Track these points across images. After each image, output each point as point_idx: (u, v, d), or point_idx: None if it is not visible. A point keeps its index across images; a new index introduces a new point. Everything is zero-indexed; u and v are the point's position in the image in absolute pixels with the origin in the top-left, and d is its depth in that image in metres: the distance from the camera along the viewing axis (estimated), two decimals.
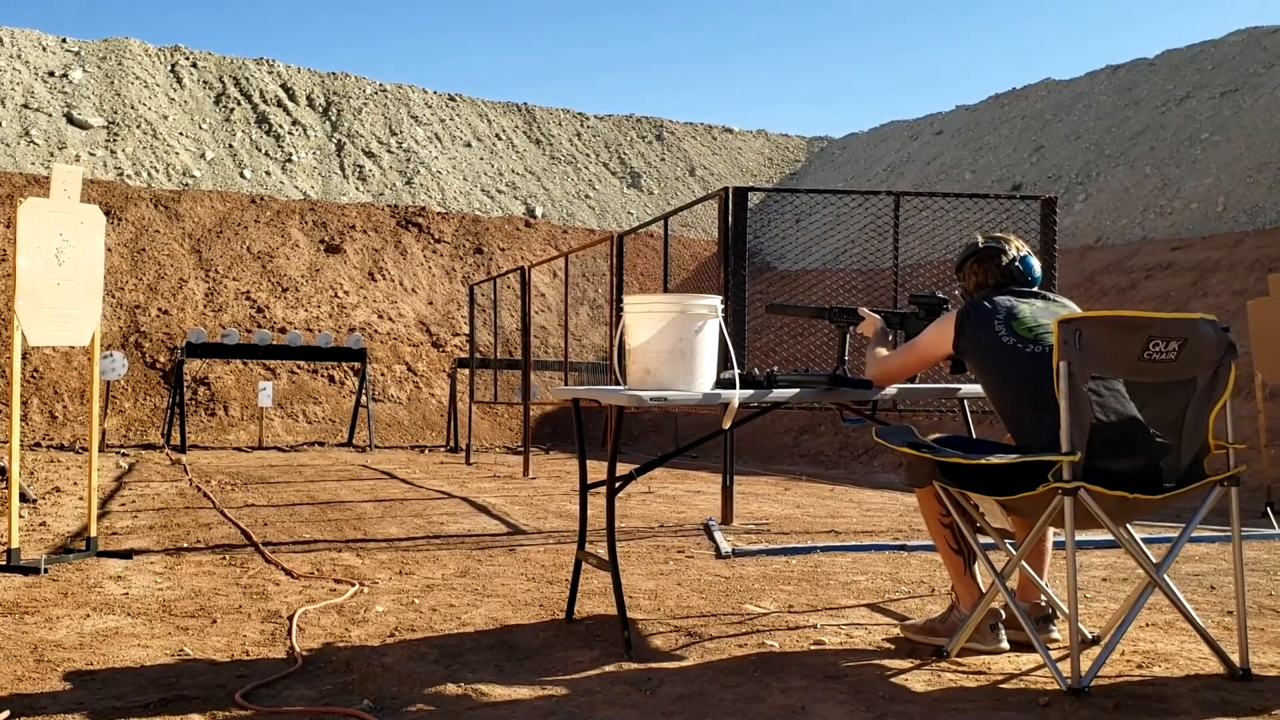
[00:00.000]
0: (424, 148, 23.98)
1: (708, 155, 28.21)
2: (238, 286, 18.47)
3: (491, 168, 24.50)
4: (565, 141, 26.55)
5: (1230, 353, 3.05)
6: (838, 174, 25.68)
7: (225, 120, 22.23)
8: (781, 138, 29.85)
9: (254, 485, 9.42)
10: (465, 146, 24.75)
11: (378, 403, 17.39)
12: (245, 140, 21.95)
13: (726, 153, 28.68)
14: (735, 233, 6.71)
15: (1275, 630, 3.70)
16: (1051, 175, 18.60)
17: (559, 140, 26.44)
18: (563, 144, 26.42)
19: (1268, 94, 16.35)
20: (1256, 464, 8.66)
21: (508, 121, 26.20)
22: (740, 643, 3.48)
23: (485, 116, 26.01)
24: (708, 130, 29.24)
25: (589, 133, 27.19)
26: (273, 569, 4.90)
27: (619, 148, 27.15)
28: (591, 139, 27.03)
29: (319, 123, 23.41)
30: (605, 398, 3.68)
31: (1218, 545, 5.71)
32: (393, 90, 25.07)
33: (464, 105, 26.00)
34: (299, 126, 22.93)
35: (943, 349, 3.48)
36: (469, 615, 3.90)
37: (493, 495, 8.70)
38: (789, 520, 7.20)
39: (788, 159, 29.00)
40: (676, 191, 26.32)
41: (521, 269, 11.82)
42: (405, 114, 24.59)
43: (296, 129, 22.83)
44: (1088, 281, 14.55)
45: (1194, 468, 3.11)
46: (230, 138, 21.84)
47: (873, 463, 13.00)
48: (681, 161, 27.59)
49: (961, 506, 3.28)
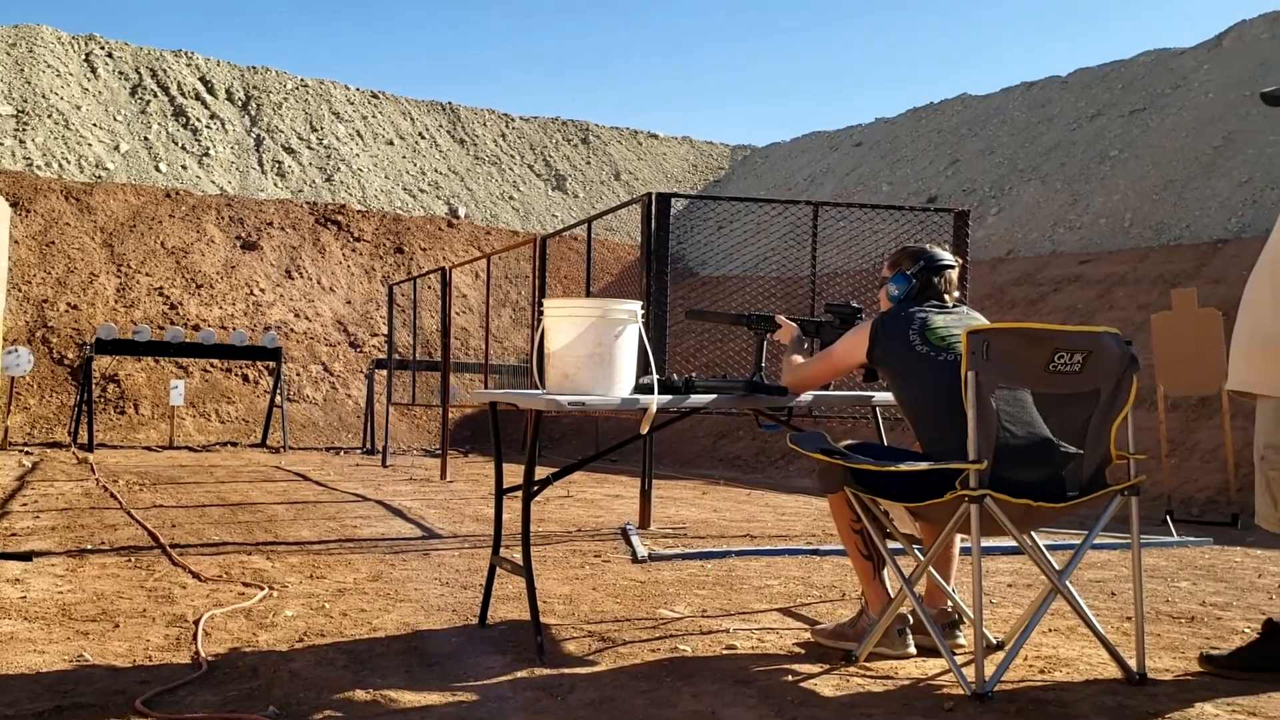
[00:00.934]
0: (345, 145, 23.66)
1: (633, 160, 28.28)
2: (150, 282, 18.04)
3: (414, 166, 24.27)
4: (490, 142, 26.40)
5: (1132, 365, 3.14)
6: (760, 182, 25.92)
7: (141, 112, 21.70)
8: (706, 145, 30.04)
9: (163, 486, 9.20)
10: (387, 144, 24.48)
11: (293, 403, 17.11)
12: (161, 133, 21.45)
13: (652, 158, 28.77)
14: (658, 238, 6.74)
15: (1172, 636, 3.82)
16: (966, 188, 19.00)
17: (483, 141, 26.29)
18: (487, 144, 26.27)
19: (1174, 114, 16.89)
20: (1158, 474, 8.93)
21: (431, 120, 25.98)
22: (653, 647, 3.50)
23: (408, 115, 25.75)
24: (633, 135, 29.30)
25: (514, 134, 27.08)
26: (180, 572, 4.79)
27: (544, 150, 27.08)
28: (516, 140, 26.92)
29: (237, 117, 22.97)
30: (523, 402, 3.67)
31: (1119, 552, 5.88)
32: (314, 86, 24.70)
33: (387, 103, 25.72)
34: (217, 120, 22.47)
35: (857, 357, 3.54)
36: (380, 620, 3.86)
37: (408, 498, 8.62)
38: (706, 524, 7.25)
39: (711, 166, 29.20)
40: (602, 195, 26.33)
41: (443, 269, 11.73)
42: (326, 110, 24.24)
43: (214, 123, 22.38)
44: (999, 293, 14.89)
45: (1096, 477, 3.20)
46: (146, 130, 21.33)
47: (789, 468, 13.14)
48: (607, 166, 27.62)
49: (872, 513, 3.33)
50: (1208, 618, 4.19)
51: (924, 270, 3.51)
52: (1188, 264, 13.09)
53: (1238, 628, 3.98)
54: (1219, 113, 15.91)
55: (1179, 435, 10.03)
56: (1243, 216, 13.43)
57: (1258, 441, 3.31)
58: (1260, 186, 13.66)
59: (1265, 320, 3.27)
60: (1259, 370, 3.29)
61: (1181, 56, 18.42)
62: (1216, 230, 13.60)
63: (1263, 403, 3.30)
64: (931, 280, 3.51)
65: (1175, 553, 6.25)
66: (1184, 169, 15.24)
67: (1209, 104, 16.39)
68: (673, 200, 6.95)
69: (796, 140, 27.26)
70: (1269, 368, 3.24)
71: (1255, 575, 5.37)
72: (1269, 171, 13.80)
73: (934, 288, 3.51)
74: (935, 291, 3.51)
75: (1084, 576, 5.05)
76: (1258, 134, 14.56)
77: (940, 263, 3.54)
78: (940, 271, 3.53)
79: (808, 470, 12.33)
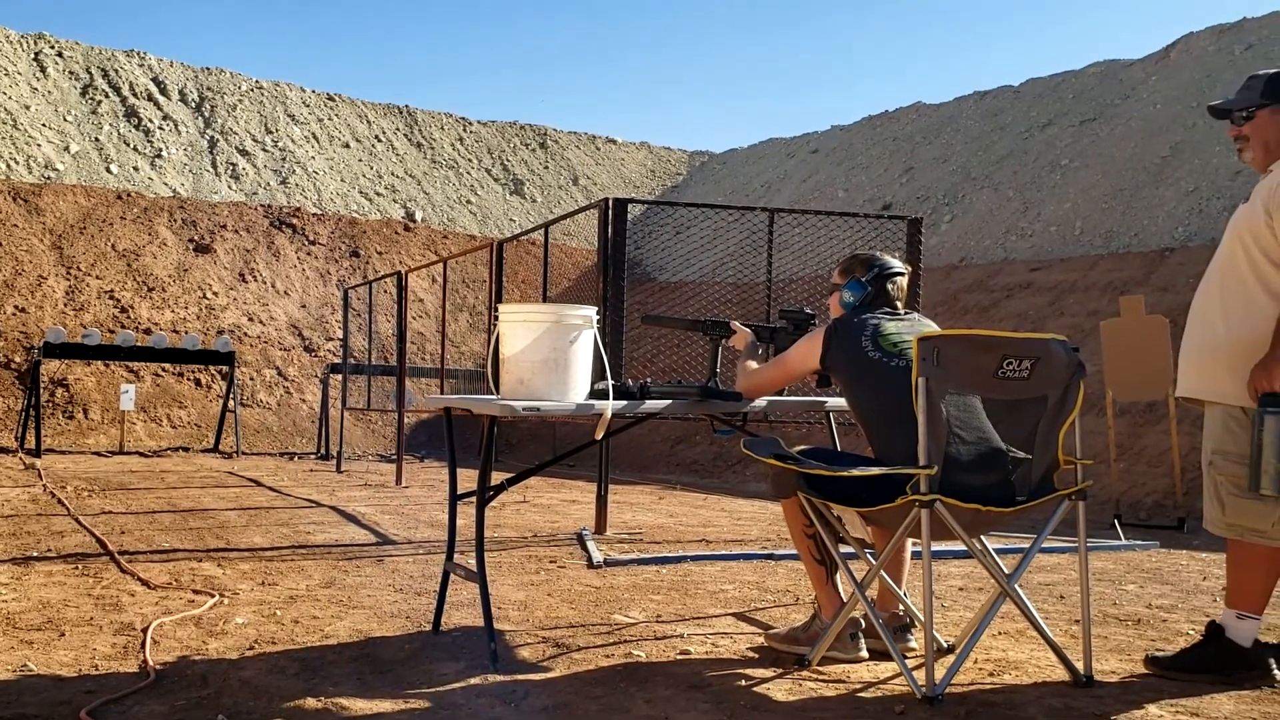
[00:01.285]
0: (300, 147, 23.45)
1: (591, 165, 28.27)
2: (101, 285, 17.77)
3: (370, 169, 24.11)
4: (447, 146, 26.28)
5: (1079, 372, 3.19)
6: (718, 188, 26.02)
7: (92, 113, 21.37)
8: (664, 150, 30.10)
9: (113, 491, 9.06)
10: (343, 147, 24.30)
11: (246, 408, 16.93)
12: (113, 134, 21.14)
13: (610, 163, 28.78)
14: (615, 243, 6.75)
15: (1119, 638, 3.88)
16: (920, 196, 19.19)
17: (441, 144, 26.17)
18: (445, 148, 26.15)
19: (1123, 124, 17.17)
20: (1106, 478, 9.07)
21: (388, 123, 25.82)
22: (607, 653, 3.50)
23: (365, 117, 25.58)
24: (591, 140, 29.29)
25: (472, 138, 26.98)
26: (128, 579, 4.73)
27: (502, 154, 27.00)
28: (474, 144, 26.82)
29: (191, 118, 22.69)
30: (477, 407, 3.66)
31: (1068, 556, 5.96)
32: (269, 88, 24.47)
33: (343, 105, 25.53)
34: (170, 122, 22.18)
35: (810, 363, 3.57)
36: (333, 627, 3.83)
37: (363, 504, 8.55)
38: (662, 529, 7.26)
39: (670, 171, 29.26)
40: (560, 200, 26.30)
41: (398, 273, 11.67)
42: (282, 112, 24.02)
43: (167, 124, 22.09)
44: (951, 299, 15.05)
45: (1044, 482, 3.25)
46: (97, 131, 21.01)
47: (745, 472, 13.18)
48: (565, 170, 27.59)
49: (824, 517, 3.36)
50: (1154, 620, 4.26)
51: (878, 278, 3.56)
52: (1136, 272, 13.30)
53: (1183, 630, 4.05)
54: (1166, 123, 16.20)
55: (1127, 440, 10.19)
56: (1189, 225, 13.67)
57: (1206, 447, 3.38)
58: (1206, 196, 13.92)
59: (1213, 328, 3.34)
60: (1207, 378, 3.35)
61: (1130, 68, 18.73)
62: (1164, 239, 13.84)
63: (1210, 409, 3.36)
64: (885, 287, 3.56)
65: (1123, 556, 6.35)
66: (1133, 178, 15.50)
67: (1157, 114, 16.68)
68: (630, 205, 6.97)
69: (754, 147, 27.39)
70: (1217, 375, 3.31)
71: (1200, 578, 5.46)
72: (1214, 181, 14.06)
73: (887, 295, 3.56)
74: (888, 298, 3.55)
75: (1034, 580, 5.11)
76: (1204, 145, 14.84)
77: (892, 270, 3.58)
78: (893, 279, 3.58)
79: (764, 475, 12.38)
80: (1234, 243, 3.34)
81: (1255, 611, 3.25)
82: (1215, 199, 13.64)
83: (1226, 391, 3.28)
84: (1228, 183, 13.69)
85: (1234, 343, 3.27)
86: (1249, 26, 17.17)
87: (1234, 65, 15.96)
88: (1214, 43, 17.46)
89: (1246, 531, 3.23)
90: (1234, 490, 3.24)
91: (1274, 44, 16.14)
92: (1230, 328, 3.29)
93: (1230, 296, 3.31)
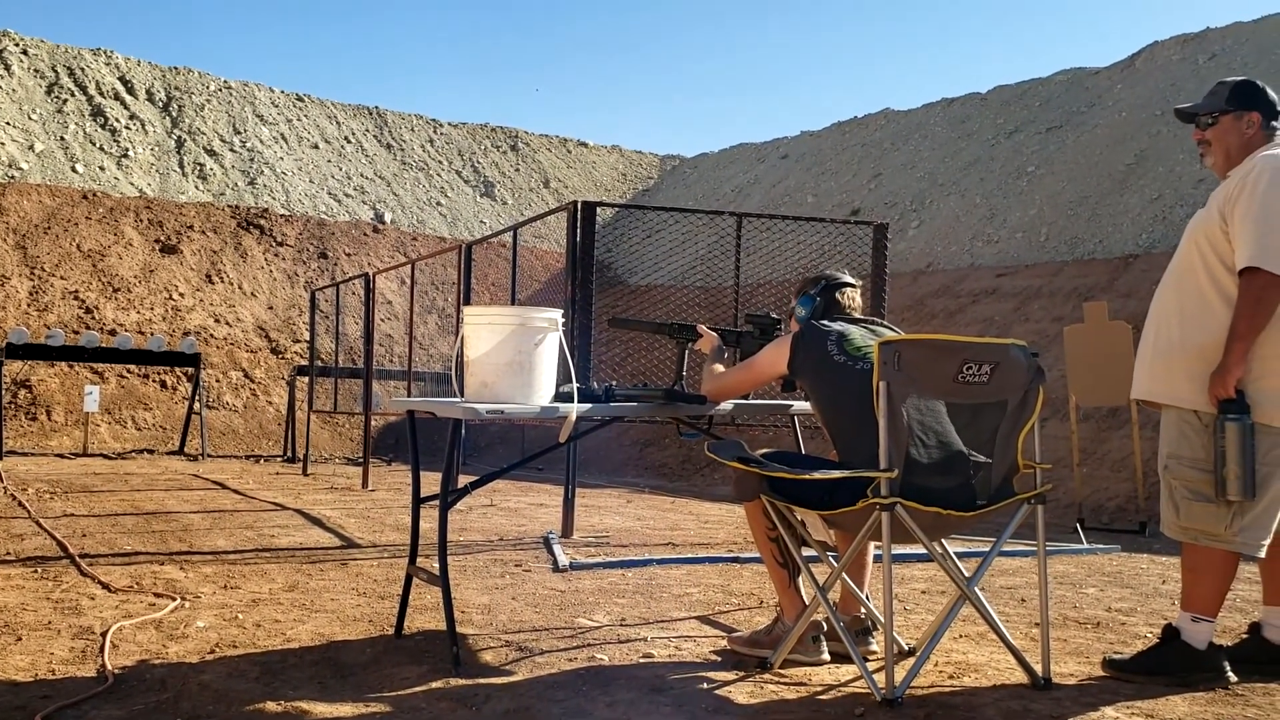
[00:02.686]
0: (269, 148, 23.30)
1: (562, 168, 28.25)
2: (65, 285, 17.58)
3: (339, 171, 23.98)
4: (417, 147, 26.19)
5: (1039, 377, 3.23)
6: (688, 192, 26.07)
7: (57, 111, 21.13)
8: (635, 154, 30.13)
9: (75, 494, 8.97)
10: (312, 148, 24.16)
11: (212, 410, 16.79)
12: (78, 133, 20.91)
13: (581, 166, 28.77)
14: (584, 246, 6.75)
15: (1077, 641, 3.92)
16: (888, 201, 19.31)
17: (411, 146, 26.07)
18: (415, 150, 26.06)
19: (1089, 131, 17.34)
20: (1069, 482, 9.15)
21: (358, 125, 25.70)
22: (570, 657, 3.50)
23: (334, 118, 25.44)
24: (563, 143, 29.27)
25: (442, 140, 26.89)
26: (89, 582, 4.68)
27: (473, 156, 26.93)
28: (445, 146, 26.74)
29: (158, 118, 22.49)
30: (441, 410, 3.65)
31: (1030, 559, 6.01)
32: (238, 88, 24.29)
33: (312, 106, 25.38)
34: (137, 121, 21.97)
35: (778, 368, 3.59)
36: (295, 631, 3.81)
37: (328, 507, 8.51)
38: (628, 533, 7.26)
39: (641, 175, 29.29)
40: (531, 203, 26.26)
41: (366, 275, 11.61)
42: (250, 112, 23.86)
43: (134, 124, 21.88)
44: (918, 305, 15.15)
45: (1004, 486, 3.28)
46: (62, 130, 20.78)
47: (713, 475, 13.21)
48: (536, 173, 27.56)
49: (787, 520, 3.38)
50: (1113, 623, 4.30)
51: (825, 289, 3.63)
52: (1100, 278, 13.44)
53: (1141, 633, 4.10)
54: (1132, 131, 16.38)
55: (1090, 445, 10.29)
56: (1153, 232, 13.83)
57: (1161, 451, 3.42)
58: (1170, 203, 14.08)
59: (1169, 332, 3.39)
60: (1162, 380, 3.40)
61: (1096, 76, 18.93)
62: (1128, 245, 13.99)
63: (1166, 413, 3.41)
64: (834, 297, 3.62)
65: (1084, 559, 6.41)
66: (1098, 185, 15.66)
67: (1122, 122, 16.87)
68: (600, 209, 6.97)
69: (724, 151, 27.47)
70: (1172, 378, 3.36)
71: (1160, 581, 5.52)
72: (1178, 189, 14.23)
73: (838, 304, 3.61)
74: (840, 307, 3.60)
75: (996, 583, 5.16)
76: (1168, 152, 15.02)
77: (840, 281, 3.65)
78: (841, 289, 3.63)
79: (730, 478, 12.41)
80: (1190, 248, 3.40)
81: (1210, 614, 3.29)
82: (1179, 206, 13.80)
83: (1181, 395, 3.32)
84: (1191, 190, 13.87)
85: (1189, 347, 3.32)
86: (1212, 36, 17.40)
87: (1198, 74, 16.16)
88: (1179, 52, 17.68)
89: (1201, 535, 3.28)
90: (1189, 494, 3.29)
91: (1236, 54, 16.36)
92: (1186, 332, 3.34)
93: (1186, 301, 3.36)
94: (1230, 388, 3.17)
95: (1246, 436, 3.14)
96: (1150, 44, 18.57)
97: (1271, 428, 3.20)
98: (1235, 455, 3.14)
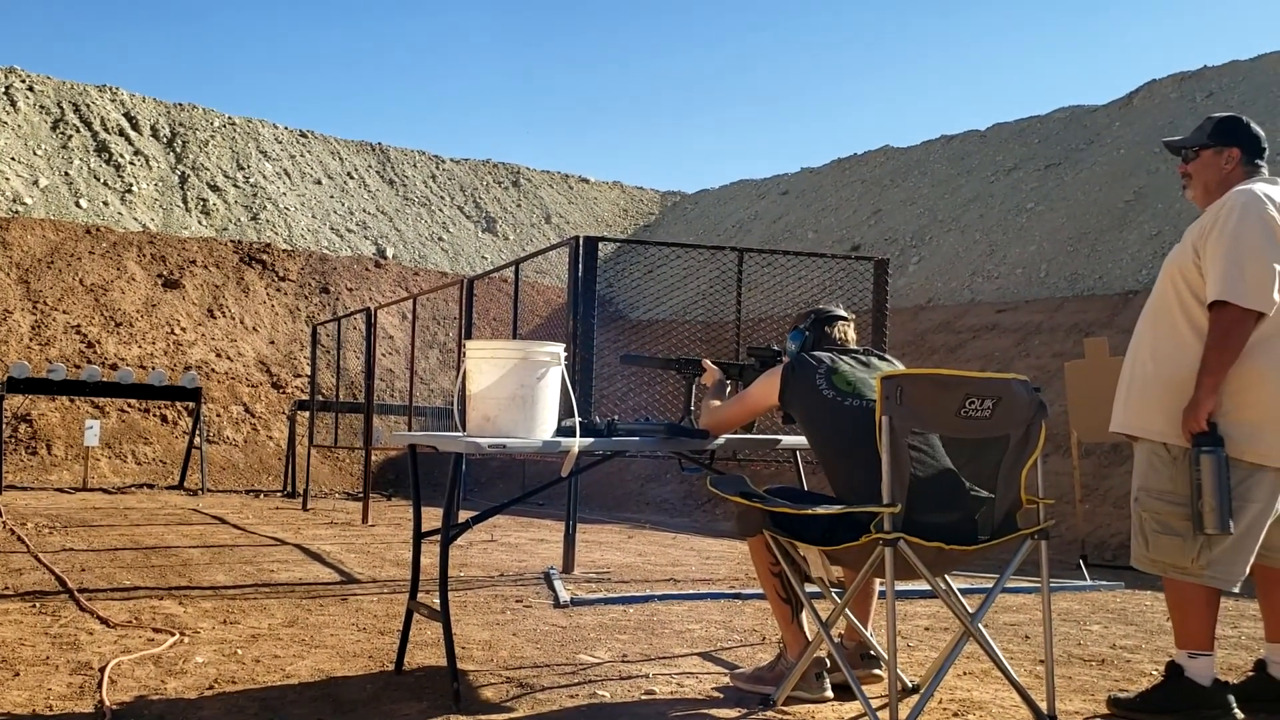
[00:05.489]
0: (272, 183, 23.41)
1: (564, 204, 28.37)
2: (68, 320, 17.61)
3: (342, 206, 24.08)
4: (419, 183, 26.31)
5: (1041, 412, 3.23)
6: (689, 228, 26.16)
7: (62, 147, 21.26)
8: (636, 190, 30.26)
9: (74, 528, 8.94)
10: (315, 184, 24.28)
11: (212, 444, 16.76)
12: (83, 169, 21.02)
13: (583, 202, 28.90)
14: (585, 281, 6.77)
15: (1083, 678, 3.90)
16: (888, 237, 19.37)
17: (413, 182, 26.19)
18: (417, 185, 26.18)
19: (1087, 169, 17.43)
20: (1072, 519, 9.12)
21: (360, 160, 25.84)
22: (571, 693, 3.47)
23: (337, 154, 25.59)
24: (564, 179, 29.40)
25: (444, 175, 27.03)
26: (87, 617, 4.65)
27: (474, 192, 27.05)
28: (447, 182, 26.87)
29: (162, 154, 22.61)
30: (443, 444, 3.65)
31: (1033, 596, 5.98)
32: (241, 124, 24.44)
33: (315, 142, 25.53)
34: (141, 157, 22.09)
35: (770, 400, 3.60)
36: (294, 666, 3.78)
37: (328, 542, 8.47)
38: (630, 569, 7.23)
39: (642, 211, 29.41)
40: (532, 238, 26.35)
41: (367, 310, 11.63)
42: (254, 148, 23.99)
43: (138, 159, 22.00)
44: (919, 340, 15.16)
45: (1007, 521, 3.27)
46: (67, 165, 20.89)
47: (715, 511, 13.16)
48: (538, 209, 27.67)
49: (790, 556, 3.36)
50: (1118, 660, 4.28)
51: (815, 322, 3.65)
52: (1100, 314, 13.46)
53: (1146, 670, 4.07)
54: (1130, 168, 16.46)
55: (1092, 481, 10.26)
56: (1152, 269, 13.86)
57: (1134, 484, 3.43)
58: (1169, 240, 14.13)
59: (1144, 366, 3.41)
60: (1135, 414, 3.42)
61: (1095, 114, 19.05)
62: (1128, 281, 14.03)
63: (1138, 446, 3.43)
64: (824, 330, 3.63)
65: (1088, 596, 6.38)
66: (1097, 222, 15.72)
67: (1121, 160, 16.95)
68: (601, 244, 7.00)
69: (725, 187, 27.59)
70: (1145, 411, 3.37)
71: (1164, 618, 5.49)
72: (1177, 225, 14.28)
73: (829, 337, 3.62)
74: (831, 339, 3.61)
75: (1000, 620, 5.13)
76: (1166, 189, 15.09)
77: (830, 314, 3.67)
78: (831, 322, 3.64)
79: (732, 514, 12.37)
80: (1166, 283, 3.43)
81: (1204, 648, 3.27)
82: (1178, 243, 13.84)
83: (1152, 428, 3.34)
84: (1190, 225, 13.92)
85: (1161, 380, 3.33)
86: (1209, 74, 17.53)
87: (1195, 112, 16.26)
88: (1176, 90, 17.80)
89: (1169, 568, 3.28)
90: (1157, 527, 3.29)
91: (1233, 92, 16.47)
92: (1158, 365, 3.35)
93: (1160, 335, 3.38)
94: (1202, 421, 3.18)
95: (1221, 469, 3.13)
96: (1148, 82, 18.70)
97: (1242, 462, 3.20)
98: (1211, 488, 3.13)
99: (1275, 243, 3.23)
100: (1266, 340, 3.23)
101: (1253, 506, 3.21)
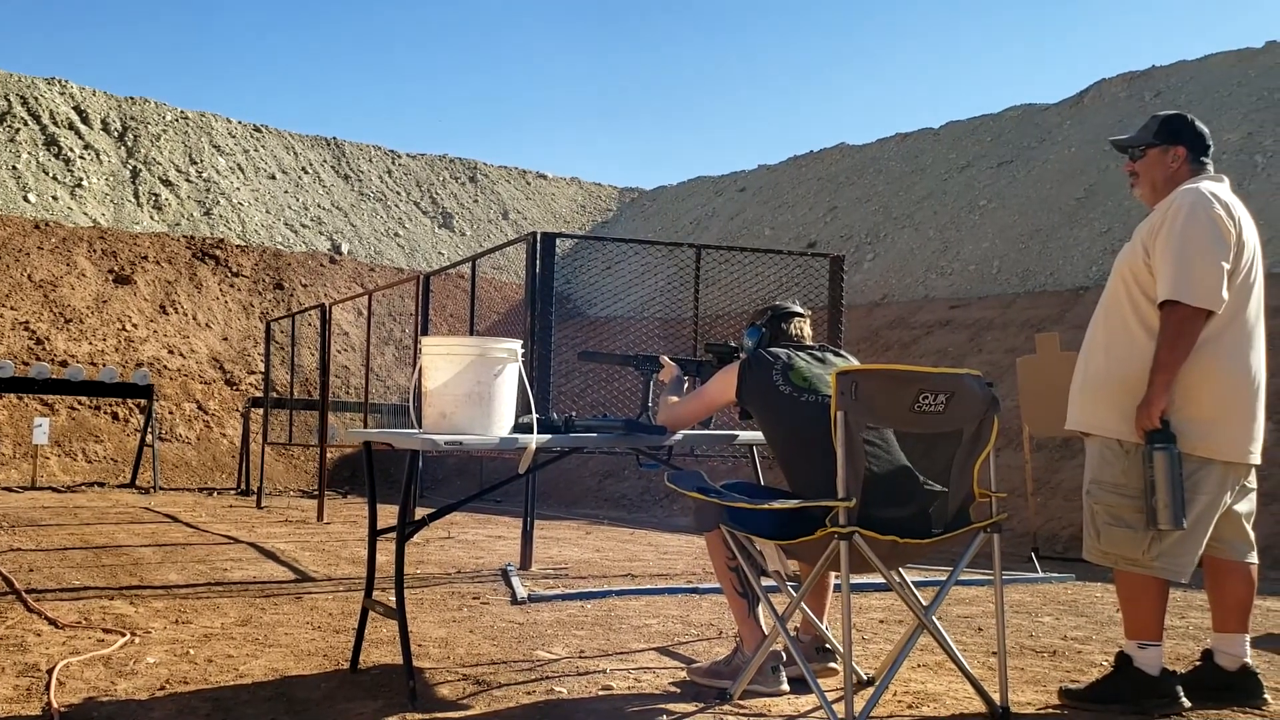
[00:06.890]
0: (225, 178, 23.14)
1: (521, 199, 28.28)
2: (15, 316, 17.30)
3: (296, 201, 23.85)
4: (375, 178, 26.12)
5: (993, 406, 3.26)
6: (647, 224, 26.18)
7: (10, 141, 20.87)
8: (594, 186, 30.23)
9: (22, 528, 8.79)
10: (269, 179, 24.02)
11: (165, 442, 16.55)
12: (31, 163, 20.65)
13: (540, 198, 28.82)
14: (543, 277, 6.76)
15: (1035, 670, 3.95)
16: (844, 234, 19.50)
17: (369, 177, 26.00)
18: (372, 180, 25.98)
19: (1039, 166, 17.65)
20: (1024, 512, 9.22)
21: (315, 155, 25.60)
22: (528, 690, 3.47)
23: (292, 149, 25.33)
24: (522, 175, 29.31)
25: (400, 170, 26.85)
26: (35, 618, 4.58)
27: (431, 187, 26.90)
28: (403, 177, 26.69)
29: (113, 148, 22.27)
30: (398, 442, 3.63)
31: (987, 588, 6.05)
32: (194, 118, 24.13)
33: (269, 136, 25.26)
34: (91, 151, 21.74)
35: (727, 396, 3.61)
36: (248, 666, 3.75)
37: (282, 540, 8.40)
38: (588, 564, 7.23)
39: (600, 207, 29.38)
40: (489, 234, 26.25)
41: (322, 306, 11.54)
42: (207, 143, 23.70)
43: (89, 153, 21.64)
44: (874, 336, 15.28)
45: (960, 515, 3.30)
46: (14, 159, 20.51)
47: (673, 507, 13.19)
48: (495, 204, 27.56)
49: (747, 550, 3.38)
50: (1069, 651, 4.34)
51: (771, 319, 3.67)
52: (1052, 310, 13.63)
53: (1096, 661, 4.13)
54: (1081, 166, 16.69)
55: (1044, 474, 10.39)
56: (1103, 265, 14.06)
57: (1086, 477, 3.48)
58: (1119, 236, 14.34)
59: (1096, 363, 3.46)
60: (1088, 411, 3.47)
61: (1046, 112, 19.29)
62: (1078, 278, 14.22)
63: (1090, 441, 3.48)
64: (781, 327, 3.65)
65: (1039, 588, 6.46)
66: (1048, 219, 15.92)
67: (1072, 157, 17.18)
68: (559, 240, 6.99)
69: (683, 184, 27.64)
70: (1096, 408, 3.42)
71: (1114, 610, 5.57)
72: (1127, 223, 14.49)
73: (785, 333, 3.64)
74: (788, 336, 3.63)
75: (953, 612, 5.18)
76: (1117, 187, 15.31)
77: (786, 310, 3.69)
78: (788, 319, 3.67)
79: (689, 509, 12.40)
80: (1117, 281, 3.48)
81: (1154, 639, 3.32)
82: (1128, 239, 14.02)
83: (1104, 424, 3.39)
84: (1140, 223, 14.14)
85: (1113, 378, 3.38)
86: (1158, 74, 17.81)
87: (1145, 111, 16.51)
88: (1125, 89, 18.06)
89: (1120, 560, 3.33)
90: (1108, 519, 3.35)
91: (1181, 91, 16.75)
92: (1110, 363, 3.41)
93: (1112, 333, 3.44)
94: (1155, 418, 3.23)
95: (1174, 465, 3.19)
96: (1098, 81, 18.96)
97: (1193, 456, 3.26)
98: (1164, 484, 3.18)
99: (1223, 241, 3.29)
100: (1216, 337, 3.29)
101: (1202, 499, 3.27)
